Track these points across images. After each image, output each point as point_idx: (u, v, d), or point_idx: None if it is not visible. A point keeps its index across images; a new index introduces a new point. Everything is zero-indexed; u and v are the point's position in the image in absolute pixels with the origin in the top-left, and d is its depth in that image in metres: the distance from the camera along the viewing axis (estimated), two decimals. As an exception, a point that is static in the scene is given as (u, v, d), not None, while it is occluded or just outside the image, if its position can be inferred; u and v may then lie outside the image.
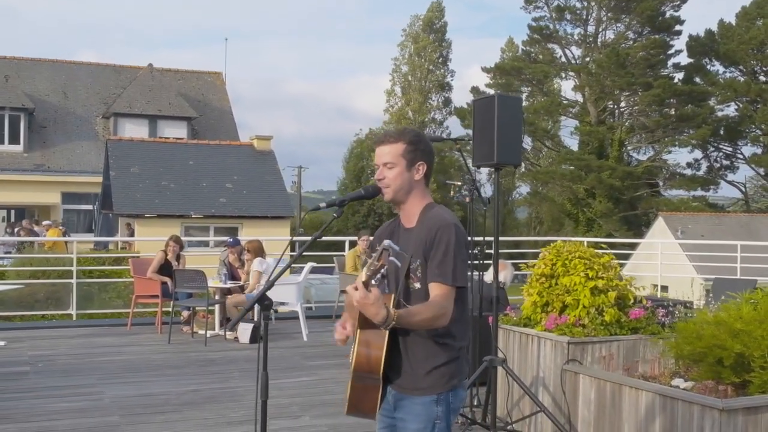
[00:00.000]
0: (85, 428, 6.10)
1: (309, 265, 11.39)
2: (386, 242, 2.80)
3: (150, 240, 20.68)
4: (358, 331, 3.06)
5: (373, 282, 2.83)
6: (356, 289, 2.86)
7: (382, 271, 2.84)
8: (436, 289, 3.02)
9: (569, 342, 5.77)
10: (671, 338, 5.81)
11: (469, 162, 6.26)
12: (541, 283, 6.26)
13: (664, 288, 19.73)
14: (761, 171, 47.86)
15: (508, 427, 6.03)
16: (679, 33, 46.95)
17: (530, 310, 6.33)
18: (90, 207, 30.65)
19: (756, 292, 6.10)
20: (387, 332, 3.00)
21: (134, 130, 31.28)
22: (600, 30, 48.65)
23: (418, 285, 3.07)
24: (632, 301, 6.26)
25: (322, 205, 3.31)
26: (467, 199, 6.19)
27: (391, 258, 2.81)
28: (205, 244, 23.76)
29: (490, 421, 5.91)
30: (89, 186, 29.79)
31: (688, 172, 48.73)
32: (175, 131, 32.54)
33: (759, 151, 46.85)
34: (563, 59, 49.64)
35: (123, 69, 35.18)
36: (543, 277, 6.26)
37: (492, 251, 6.18)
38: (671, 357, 5.71)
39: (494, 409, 5.93)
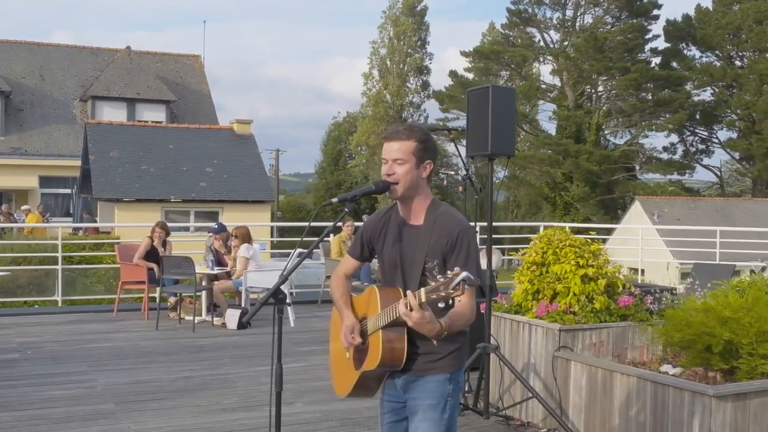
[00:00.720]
0: (81, 416, 6.12)
1: (296, 250, 11.39)
2: (465, 274, 2.81)
3: (114, 225, 20.65)
4: (380, 331, 3.16)
5: (440, 305, 2.91)
6: (411, 309, 2.94)
7: (458, 300, 2.92)
8: (466, 291, 3.10)
9: (560, 329, 5.86)
10: (659, 325, 5.93)
11: (463, 151, 6.34)
12: (532, 271, 6.34)
13: (641, 272, 19.96)
14: (736, 155, 48.37)
15: (500, 413, 6.13)
16: (656, 17, 47.20)
17: (521, 298, 6.42)
18: (68, 191, 30.46)
19: (742, 280, 6.24)
20: (406, 327, 3.11)
21: (112, 114, 31.09)
22: (578, 14, 48.81)
23: (433, 284, 3.15)
24: (621, 288, 6.36)
25: (334, 200, 3.36)
26: (461, 188, 6.26)
27: (467, 287, 2.83)
28: (185, 229, 23.71)
29: (483, 407, 6.01)
30: (67, 170, 29.59)
31: (665, 156, 49.12)
32: (153, 114, 32.38)
33: (734, 135, 47.32)
34: (541, 43, 49.79)
35: (100, 51, 34.89)
36: (534, 265, 6.34)
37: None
38: (661, 344, 5.83)
39: (487, 395, 6.03)
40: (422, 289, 2.92)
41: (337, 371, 3.55)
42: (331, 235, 13.47)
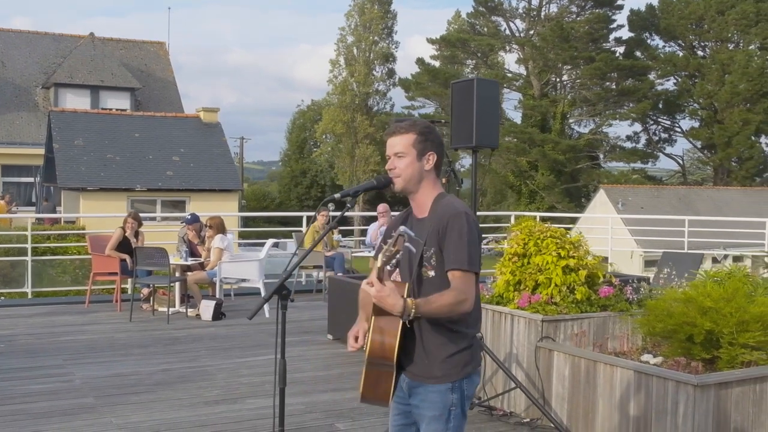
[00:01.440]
0: (61, 411, 6.05)
1: (270, 241, 11.37)
2: (402, 228, 2.81)
3: (79, 216, 20.40)
4: (373, 318, 3.07)
5: (388, 267, 2.88)
6: (371, 285, 2.90)
7: (398, 256, 2.86)
8: (455, 276, 3.06)
9: (543, 320, 5.91)
10: (638, 315, 6.01)
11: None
12: (514, 262, 6.38)
13: (604, 260, 20.17)
14: (698, 144, 49.05)
15: (484, 403, 6.17)
16: (620, 7, 47.64)
17: (503, 288, 6.46)
18: (31, 179, 29.99)
19: (720, 270, 6.34)
20: (400, 323, 3.03)
21: (76, 101, 30.62)
22: (543, 3, 49.10)
23: (432, 273, 3.11)
24: (601, 278, 6.43)
25: (337, 195, 3.33)
26: (443, 180, 6.27)
27: (407, 244, 2.82)
28: (152, 219, 23.46)
29: (467, 398, 6.04)
30: (30, 158, 29.13)
31: (628, 145, 49.75)
32: (117, 102, 31.97)
33: (696, 124, 48.00)
34: (507, 32, 49.99)
35: (63, 38, 34.33)
36: (515, 256, 6.38)
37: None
38: (642, 334, 5.91)
39: (471, 386, 6.05)
40: (379, 255, 2.90)
41: (362, 374, 3.47)
42: (305, 224, 13.45)
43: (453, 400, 3.16)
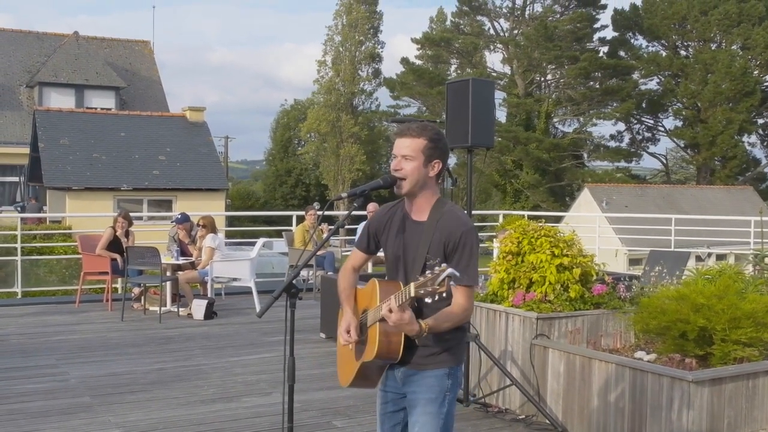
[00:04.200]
0: (59, 410, 6.05)
1: (261, 240, 11.39)
2: (450, 270, 2.85)
3: (64, 216, 20.35)
4: (378, 324, 3.19)
5: (427, 300, 2.92)
6: (390, 311, 3.00)
7: (443, 295, 2.91)
8: (462, 292, 3.20)
9: (538, 317, 5.97)
10: (631, 313, 6.09)
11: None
12: (508, 260, 6.44)
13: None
14: (681, 143, 49.37)
15: (479, 400, 6.23)
16: (604, 7, 47.95)
17: (497, 287, 6.52)
18: (16, 179, 29.83)
19: (711, 268, 6.44)
20: None
21: (60, 100, 30.51)
22: (528, 3, 49.28)
23: (421, 279, 3.19)
24: (594, 277, 6.50)
25: (344, 194, 3.39)
26: (439, 180, 6.31)
27: (452, 283, 2.90)
28: (138, 218, 23.39)
29: (463, 395, 6.11)
30: (14, 158, 28.98)
31: (612, 144, 50.00)
32: (102, 101, 31.87)
33: (680, 123, 48.30)
34: (492, 32, 50.16)
35: (47, 36, 34.17)
36: (510, 254, 6.44)
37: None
38: (636, 331, 5.98)
39: (467, 384, 6.12)
40: (412, 284, 2.95)
41: (341, 361, 3.61)
42: (294, 224, 13.47)
43: (448, 385, 3.32)
